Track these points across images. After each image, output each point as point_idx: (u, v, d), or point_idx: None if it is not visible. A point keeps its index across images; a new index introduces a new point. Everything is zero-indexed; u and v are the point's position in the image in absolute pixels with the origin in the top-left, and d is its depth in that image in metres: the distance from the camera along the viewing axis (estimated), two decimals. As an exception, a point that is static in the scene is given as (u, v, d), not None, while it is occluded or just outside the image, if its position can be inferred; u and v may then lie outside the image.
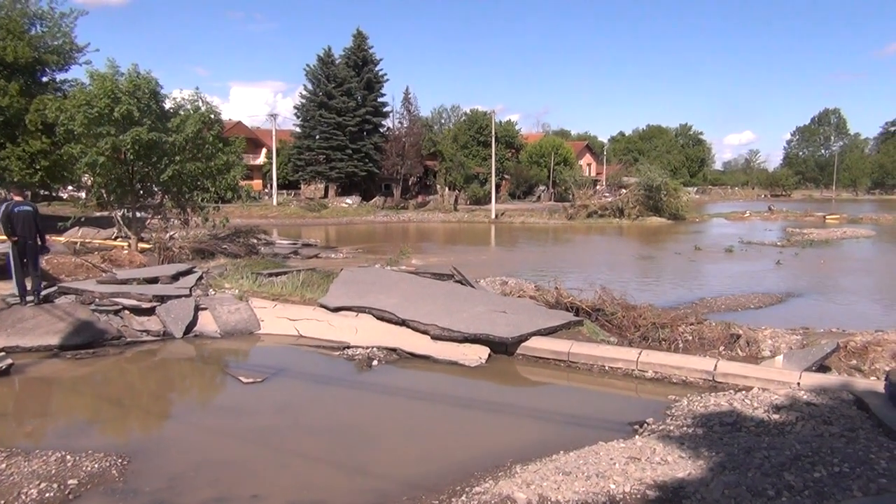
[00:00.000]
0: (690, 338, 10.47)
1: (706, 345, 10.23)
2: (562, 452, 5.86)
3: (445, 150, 77.14)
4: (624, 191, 59.33)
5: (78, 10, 32.72)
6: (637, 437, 6.36)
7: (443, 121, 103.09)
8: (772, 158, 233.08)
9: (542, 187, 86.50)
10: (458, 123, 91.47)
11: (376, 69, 73.51)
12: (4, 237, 13.63)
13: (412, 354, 9.70)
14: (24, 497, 5.15)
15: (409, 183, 76.68)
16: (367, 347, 9.96)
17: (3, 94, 28.65)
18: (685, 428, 6.49)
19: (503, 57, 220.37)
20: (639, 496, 4.87)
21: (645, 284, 19.19)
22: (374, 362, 9.47)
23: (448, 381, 8.89)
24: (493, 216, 57.74)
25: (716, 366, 8.51)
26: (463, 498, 5.07)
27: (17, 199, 11.92)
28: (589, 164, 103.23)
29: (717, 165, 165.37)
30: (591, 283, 13.33)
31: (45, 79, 33.24)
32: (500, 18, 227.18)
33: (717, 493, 4.83)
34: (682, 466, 5.32)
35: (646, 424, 6.83)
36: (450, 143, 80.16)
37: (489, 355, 9.53)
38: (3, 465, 5.71)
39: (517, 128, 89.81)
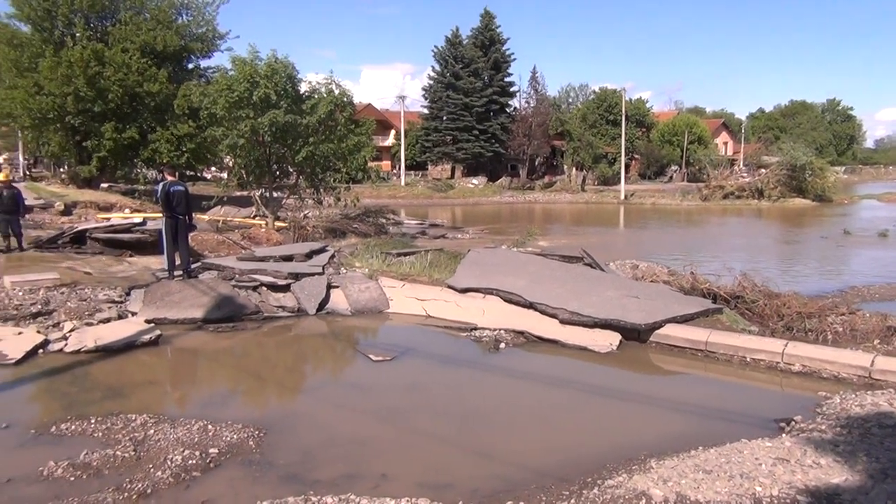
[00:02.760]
0: (841, 329, 9.71)
1: (858, 337, 9.44)
2: (701, 448, 5.53)
3: (573, 130, 75.72)
4: (764, 171, 55.95)
5: (220, -1, 34.43)
6: (784, 435, 5.91)
7: (570, 100, 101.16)
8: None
9: (674, 167, 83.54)
10: (586, 102, 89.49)
11: (503, 49, 73.02)
12: (157, 214, 14.54)
13: (540, 338, 9.52)
14: (169, 462, 5.40)
15: (536, 163, 75.97)
16: (495, 329, 9.87)
17: (154, 81, 30.72)
18: (838, 428, 5.97)
19: (634, 32, 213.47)
20: (788, 501, 4.50)
21: (788, 271, 18.04)
22: (502, 345, 9.37)
23: (577, 366, 8.66)
24: (623, 197, 56.21)
25: (873, 361, 7.80)
26: (595, 491, 4.87)
27: (171, 178, 12.67)
28: (725, 143, 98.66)
29: (869, 143, 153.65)
30: (729, 269, 12.64)
31: (190, 65, 35.35)
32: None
33: (879, 502, 4.39)
34: (836, 471, 4.89)
35: (793, 422, 6.33)
36: (578, 122, 78.56)
37: (620, 342, 9.20)
38: (152, 431, 6.03)
39: (648, 106, 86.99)
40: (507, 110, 74.36)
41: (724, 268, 13.23)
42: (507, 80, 73.31)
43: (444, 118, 71.72)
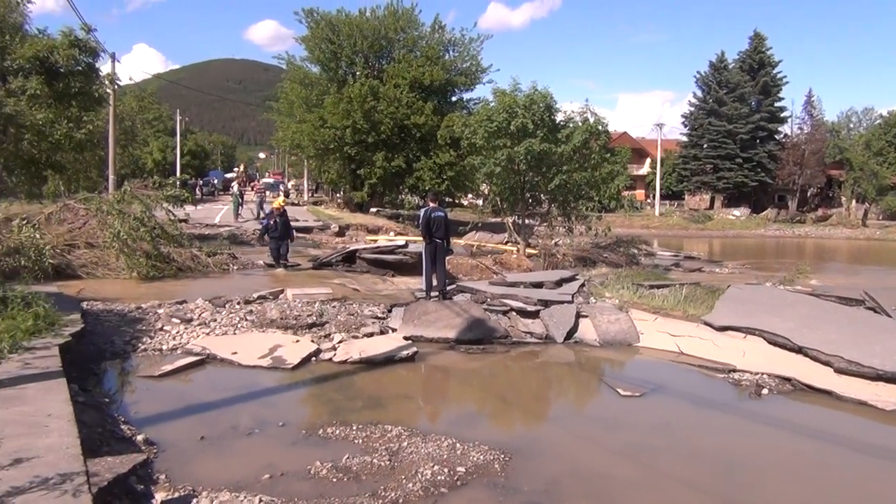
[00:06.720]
0: None
1: None
2: None
3: (854, 158, 68.41)
4: None
5: (484, 35, 36.25)
6: None
7: (851, 125, 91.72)
8: None
9: (983, 201, 72.06)
10: (871, 128, 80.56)
11: (774, 72, 68.46)
12: (418, 238, 15.51)
13: (809, 387, 8.60)
14: (420, 475, 5.62)
15: (808, 194, 69.73)
16: (756, 373, 9.10)
17: (420, 114, 33.05)
18: None
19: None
20: None
21: None
22: (764, 391, 8.59)
23: (854, 423, 7.68)
24: (914, 234, 49.61)
25: None
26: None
27: (433, 205, 13.42)
28: None
29: None
30: None
31: (454, 98, 37.49)
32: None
33: None
34: None
35: None
36: (860, 149, 70.93)
37: (911, 400, 8.03)
38: (405, 444, 6.33)
39: (952, 130, 76.02)
40: (776, 137, 69.41)
41: None
42: (776, 105, 68.52)
43: (705, 146, 68.63)
